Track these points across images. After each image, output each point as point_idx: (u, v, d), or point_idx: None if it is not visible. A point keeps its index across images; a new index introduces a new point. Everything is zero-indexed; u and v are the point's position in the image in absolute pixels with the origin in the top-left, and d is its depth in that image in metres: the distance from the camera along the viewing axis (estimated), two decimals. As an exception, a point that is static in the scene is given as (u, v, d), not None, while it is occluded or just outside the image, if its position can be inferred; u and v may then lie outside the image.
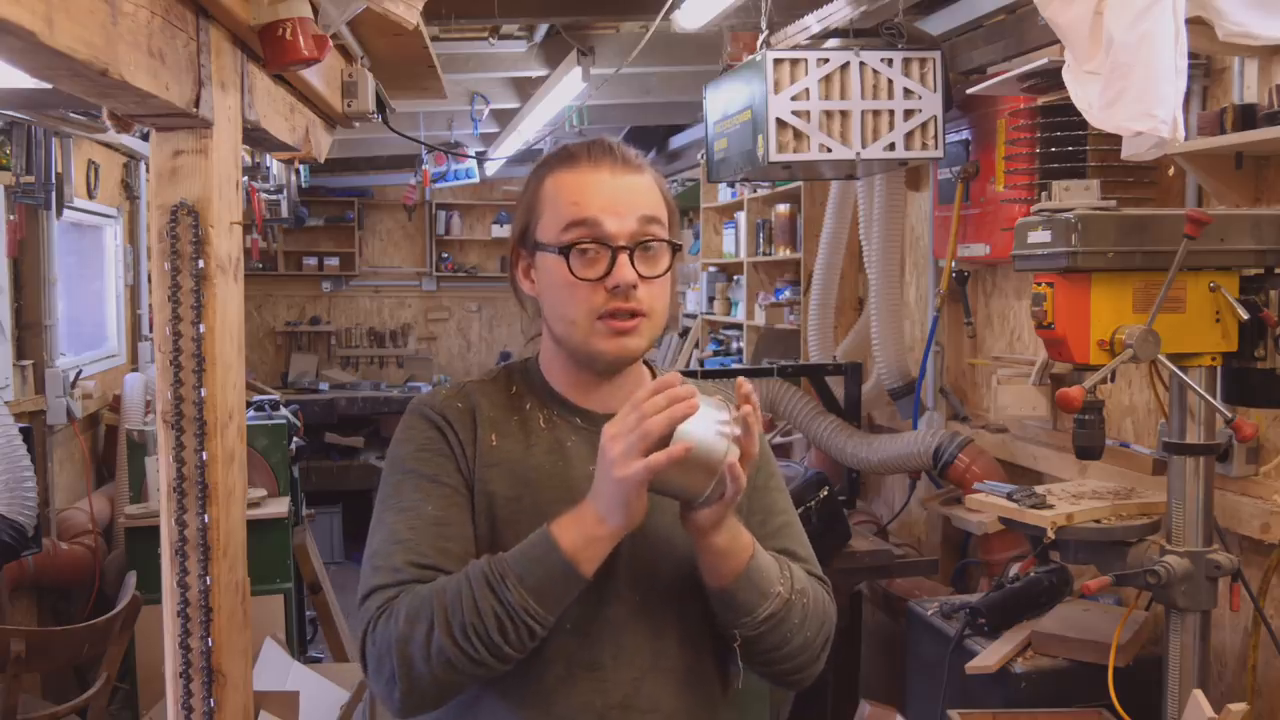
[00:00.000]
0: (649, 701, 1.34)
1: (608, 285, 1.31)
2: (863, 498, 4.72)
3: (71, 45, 1.47)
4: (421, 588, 1.27)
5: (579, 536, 1.22)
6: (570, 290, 1.33)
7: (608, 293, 1.31)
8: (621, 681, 1.33)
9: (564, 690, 1.31)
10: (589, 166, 1.36)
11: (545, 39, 4.94)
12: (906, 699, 3.19)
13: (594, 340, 1.33)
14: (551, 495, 1.33)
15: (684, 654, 1.37)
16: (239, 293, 2.29)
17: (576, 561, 1.21)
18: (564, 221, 1.33)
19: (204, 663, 2.12)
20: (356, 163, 8.06)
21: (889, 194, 4.10)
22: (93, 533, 4.65)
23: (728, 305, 6.54)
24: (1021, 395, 3.44)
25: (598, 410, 1.40)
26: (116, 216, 5.67)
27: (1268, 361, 2.24)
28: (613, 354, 1.34)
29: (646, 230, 1.34)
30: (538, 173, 1.40)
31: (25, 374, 4.46)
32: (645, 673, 1.34)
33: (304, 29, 2.10)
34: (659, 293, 1.35)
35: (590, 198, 1.34)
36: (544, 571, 1.21)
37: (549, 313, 1.38)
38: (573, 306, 1.33)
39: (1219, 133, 2.50)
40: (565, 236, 1.33)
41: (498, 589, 1.22)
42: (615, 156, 1.37)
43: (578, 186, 1.35)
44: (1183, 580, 2.27)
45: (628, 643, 1.33)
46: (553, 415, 1.40)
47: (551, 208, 1.36)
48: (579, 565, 1.21)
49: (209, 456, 2.10)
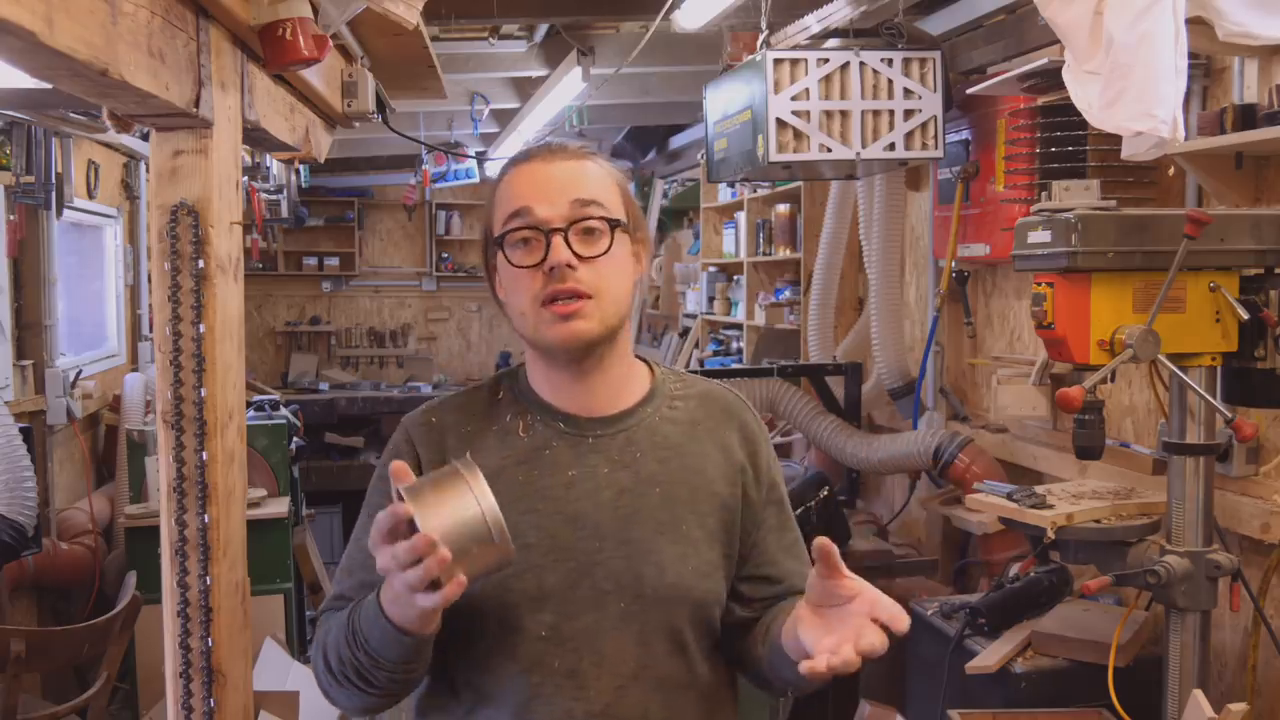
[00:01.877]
0: (634, 710, 1.31)
1: (544, 269, 1.31)
2: (863, 498, 4.72)
3: (71, 45, 1.47)
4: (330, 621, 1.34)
5: (401, 613, 1.18)
6: (515, 281, 1.33)
7: (545, 276, 1.31)
8: (603, 689, 1.30)
9: (544, 697, 1.30)
10: (528, 161, 1.39)
11: (545, 39, 4.94)
12: (906, 699, 3.19)
13: (542, 329, 1.32)
14: (520, 506, 1.31)
15: (674, 663, 1.34)
16: (239, 293, 2.29)
17: (405, 629, 1.19)
18: (505, 214, 1.35)
19: (204, 663, 2.12)
20: (356, 163, 8.06)
21: (889, 194, 4.10)
22: (93, 533, 4.65)
23: (728, 305, 6.54)
24: (1021, 395, 3.44)
25: (581, 414, 1.38)
26: (116, 216, 5.67)
27: (1268, 361, 2.24)
28: (561, 339, 1.31)
29: (582, 212, 1.33)
30: (496, 181, 1.42)
31: (25, 374, 4.47)
32: (629, 681, 1.31)
33: (304, 29, 2.10)
34: (606, 273, 1.33)
35: (524, 188, 1.35)
36: (379, 634, 1.21)
37: (509, 311, 1.38)
38: (518, 296, 1.33)
39: (1219, 133, 2.50)
40: (504, 229, 1.34)
41: (352, 643, 1.26)
42: (554, 149, 1.39)
43: (517, 181, 1.37)
44: (1183, 580, 2.27)
45: (609, 650, 1.30)
46: (534, 422, 1.38)
47: (498, 207, 1.37)
48: (408, 632, 1.19)
49: (209, 456, 2.10)
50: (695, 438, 1.41)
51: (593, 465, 1.35)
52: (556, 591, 1.30)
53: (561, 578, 1.30)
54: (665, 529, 1.34)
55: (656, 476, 1.36)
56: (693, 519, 1.36)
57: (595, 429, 1.37)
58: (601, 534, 1.32)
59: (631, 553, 1.32)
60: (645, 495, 1.35)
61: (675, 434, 1.40)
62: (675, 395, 1.44)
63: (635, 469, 1.36)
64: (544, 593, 1.29)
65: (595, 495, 1.33)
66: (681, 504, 1.36)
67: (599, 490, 1.34)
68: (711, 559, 1.37)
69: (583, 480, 1.34)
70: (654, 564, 1.32)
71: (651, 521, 1.33)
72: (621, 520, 1.33)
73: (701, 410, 1.44)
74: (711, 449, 1.41)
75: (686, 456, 1.39)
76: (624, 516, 1.33)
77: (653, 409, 1.41)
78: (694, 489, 1.38)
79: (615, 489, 1.34)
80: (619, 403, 1.39)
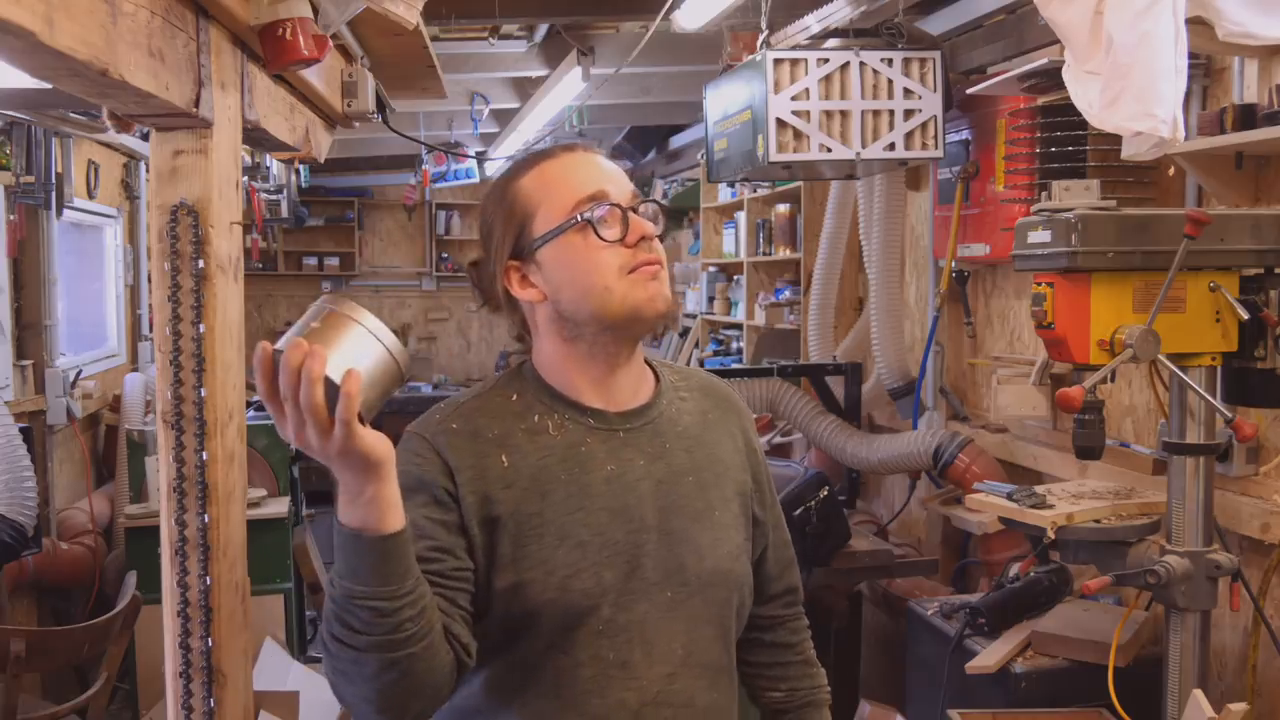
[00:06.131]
0: (682, 697, 1.36)
1: (628, 242, 1.35)
2: (863, 498, 4.72)
3: (71, 45, 1.47)
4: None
5: (351, 510, 1.15)
6: (596, 257, 1.35)
7: (630, 250, 1.35)
8: (654, 678, 1.34)
9: (598, 690, 1.32)
10: (566, 155, 1.41)
11: (545, 39, 4.94)
12: (906, 699, 3.19)
13: (633, 294, 1.35)
14: (570, 505, 1.33)
15: (715, 650, 1.40)
16: (239, 293, 2.29)
17: (364, 528, 1.15)
18: (573, 200, 1.36)
19: (204, 663, 2.12)
20: (356, 163, 8.06)
21: (889, 194, 4.10)
22: (93, 533, 4.65)
23: (728, 305, 6.54)
24: (1021, 395, 3.44)
25: (608, 409, 1.40)
26: (116, 216, 5.67)
27: (1268, 361, 2.24)
28: (650, 298, 1.35)
29: (637, 195, 1.40)
30: (508, 185, 1.41)
31: (25, 374, 4.47)
32: (678, 667, 1.36)
33: (304, 29, 2.10)
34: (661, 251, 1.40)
35: (588, 173, 1.38)
36: (345, 555, 1.17)
37: (569, 300, 1.36)
38: (601, 273, 1.35)
39: (1219, 133, 2.50)
40: (588, 210, 1.35)
41: (330, 593, 1.20)
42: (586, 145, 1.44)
43: (568, 170, 1.39)
44: (1183, 580, 2.27)
45: (658, 640, 1.35)
46: (563, 420, 1.38)
47: (549, 198, 1.37)
48: (367, 529, 1.15)
49: (209, 456, 2.10)
50: (709, 427, 1.47)
51: (629, 459, 1.38)
52: (613, 586, 1.33)
53: (616, 572, 1.33)
54: (700, 517, 1.40)
55: (686, 467, 1.41)
56: (721, 505, 1.43)
57: (623, 423, 1.40)
58: (646, 526, 1.36)
59: (673, 542, 1.37)
60: (679, 485, 1.40)
61: (693, 425, 1.46)
62: (679, 387, 1.49)
63: (667, 460, 1.40)
64: (602, 588, 1.32)
65: (636, 488, 1.37)
66: (711, 491, 1.42)
67: (639, 483, 1.37)
68: (739, 542, 1.44)
69: (622, 474, 1.37)
70: (694, 551, 1.38)
71: (688, 510, 1.39)
72: (661, 511, 1.37)
73: (708, 401, 1.51)
74: (724, 437, 1.48)
75: (707, 446, 1.45)
76: (663, 507, 1.37)
77: (667, 401, 1.45)
78: (718, 476, 1.45)
79: (652, 481, 1.38)
80: (639, 396, 1.43)
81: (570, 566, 1.30)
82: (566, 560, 1.31)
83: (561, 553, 1.31)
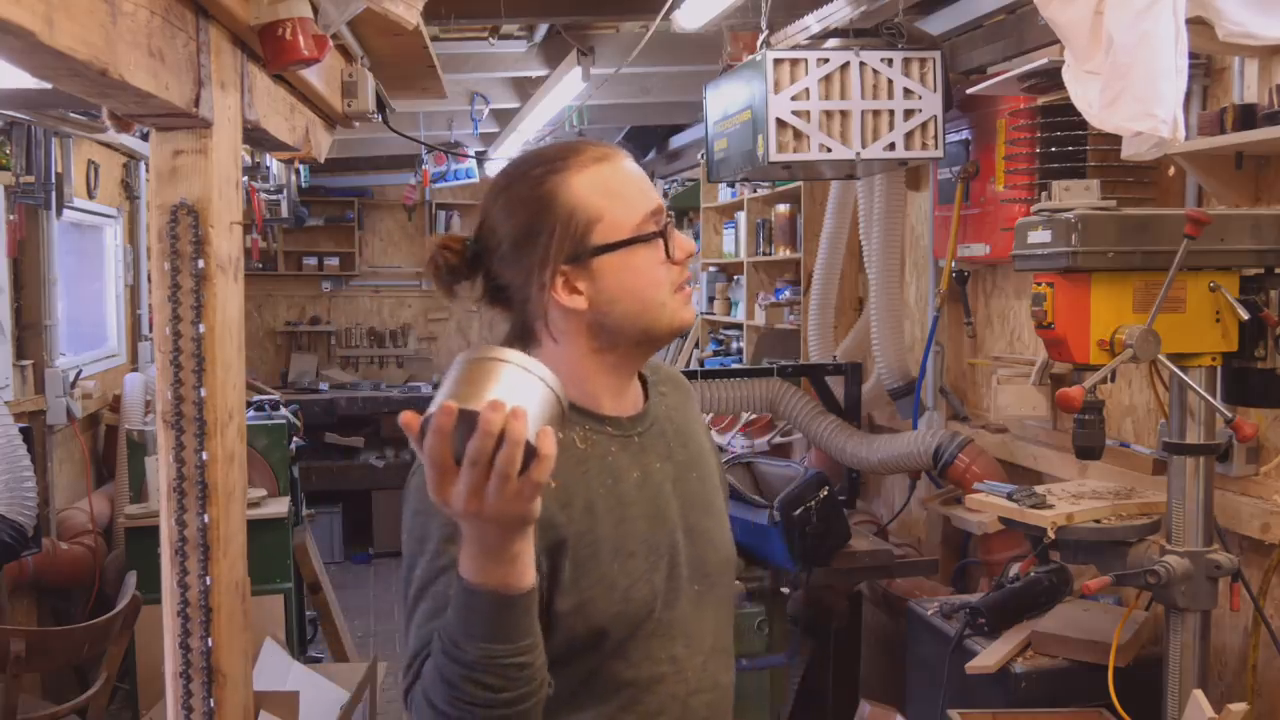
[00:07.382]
0: (711, 680, 1.41)
1: (677, 259, 1.36)
2: (863, 498, 4.72)
3: (71, 45, 1.47)
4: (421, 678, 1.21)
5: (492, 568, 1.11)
6: (657, 273, 1.35)
7: (679, 267, 1.37)
8: (695, 668, 1.39)
9: (654, 687, 1.36)
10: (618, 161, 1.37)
11: (545, 39, 4.94)
12: (906, 699, 3.19)
13: (681, 313, 1.37)
14: (614, 517, 1.33)
15: (728, 633, 1.47)
16: (239, 293, 2.29)
17: (504, 586, 1.11)
18: (642, 213, 1.34)
19: (204, 663, 2.12)
20: (356, 163, 8.05)
21: (889, 194, 4.09)
22: (93, 533, 4.65)
23: (728, 305, 6.53)
24: (1021, 395, 3.44)
25: (620, 415, 1.40)
26: (116, 216, 5.67)
27: (1268, 361, 2.24)
28: (690, 319, 1.40)
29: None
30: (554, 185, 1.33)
31: (25, 374, 4.47)
32: (709, 655, 1.41)
33: (304, 29, 2.10)
34: None
35: (646, 186, 1.38)
36: (482, 616, 1.12)
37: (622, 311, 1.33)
38: (660, 288, 1.35)
39: (1219, 133, 2.50)
40: (651, 225, 1.35)
41: (453, 657, 1.14)
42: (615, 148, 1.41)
43: (628, 181, 1.36)
44: (1183, 580, 2.27)
45: (695, 632, 1.40)
46: (586, 431, 1.36)
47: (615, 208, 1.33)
48: (508, 587, 1.12)
49: (209, 456, 2.10)
50: (688, 419, 1.51)
51: (648, 463, 1.40)
52: (660, 589, 1.36)
53: (661, 575, 1.36)
54: (709, 509, 1.45)
55: (687, 462, 1.45)
56: (714, 494, 1.49)
57: (634, 427, 1.41)
58: (673, 526, 1.39)
59: (696, 537, 1.41)
60: (688, 481, 1.44)
61: (678, 419, 1.49)
62: (657, 384, 1.51)
63: (673, 459, 1.44)
64: (655, 593, 1.35)
65: (660, 491, 1.39)
66: (708, 483, 1.48)
67: (661, 485, 1.40)
68: (729, 526, 1.51)
69: (646, 479, 1.39)
70: (711, 544, 1.44)
71: (699, 504, 1.44)
72: (681, 509, 1.41)
73: (678, 393, 1.54)
74: (697, 426, 1.53)
75: (694, 438, 1.50)
76: (681, 505, 1.41)
77: (655, 400, 1.47)
78: (708, 466, 1.50)
79: (669, 480, 1.41)
80: (639, 400, 1.45)
81: (629, 578, 1.32)
82: (624, 572, 1.32)
83: (618, 566, 1.31)
